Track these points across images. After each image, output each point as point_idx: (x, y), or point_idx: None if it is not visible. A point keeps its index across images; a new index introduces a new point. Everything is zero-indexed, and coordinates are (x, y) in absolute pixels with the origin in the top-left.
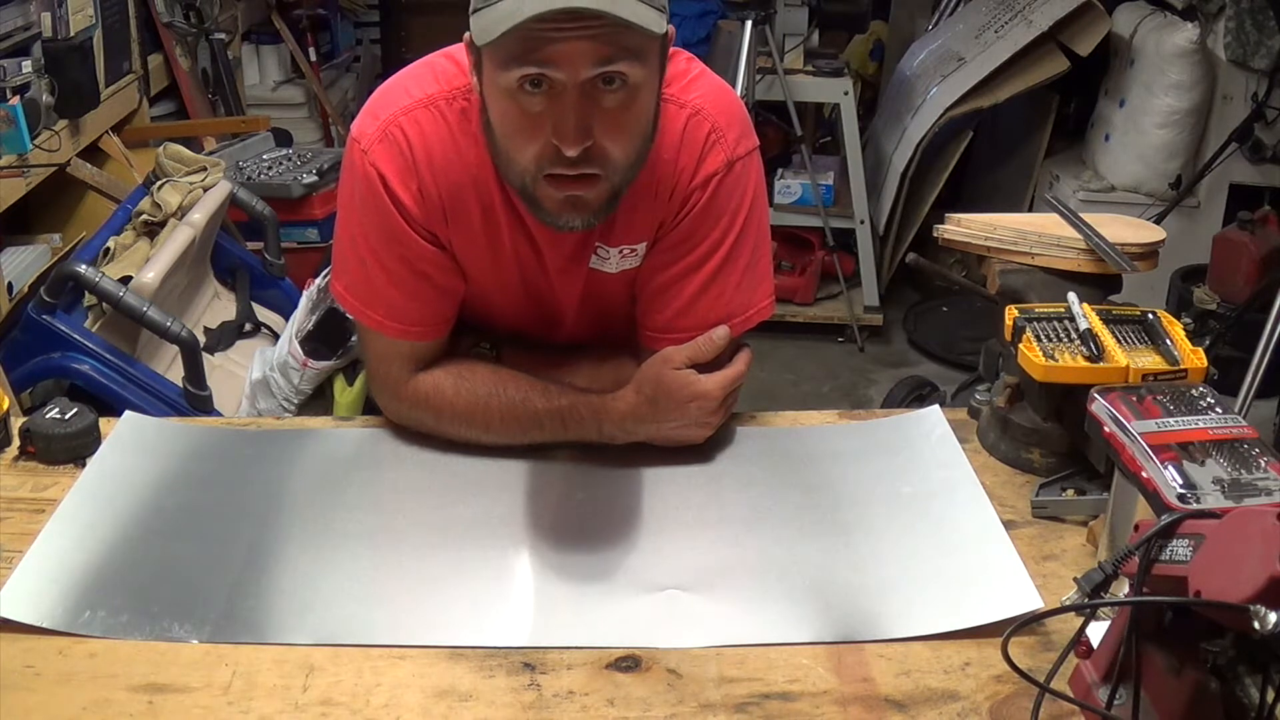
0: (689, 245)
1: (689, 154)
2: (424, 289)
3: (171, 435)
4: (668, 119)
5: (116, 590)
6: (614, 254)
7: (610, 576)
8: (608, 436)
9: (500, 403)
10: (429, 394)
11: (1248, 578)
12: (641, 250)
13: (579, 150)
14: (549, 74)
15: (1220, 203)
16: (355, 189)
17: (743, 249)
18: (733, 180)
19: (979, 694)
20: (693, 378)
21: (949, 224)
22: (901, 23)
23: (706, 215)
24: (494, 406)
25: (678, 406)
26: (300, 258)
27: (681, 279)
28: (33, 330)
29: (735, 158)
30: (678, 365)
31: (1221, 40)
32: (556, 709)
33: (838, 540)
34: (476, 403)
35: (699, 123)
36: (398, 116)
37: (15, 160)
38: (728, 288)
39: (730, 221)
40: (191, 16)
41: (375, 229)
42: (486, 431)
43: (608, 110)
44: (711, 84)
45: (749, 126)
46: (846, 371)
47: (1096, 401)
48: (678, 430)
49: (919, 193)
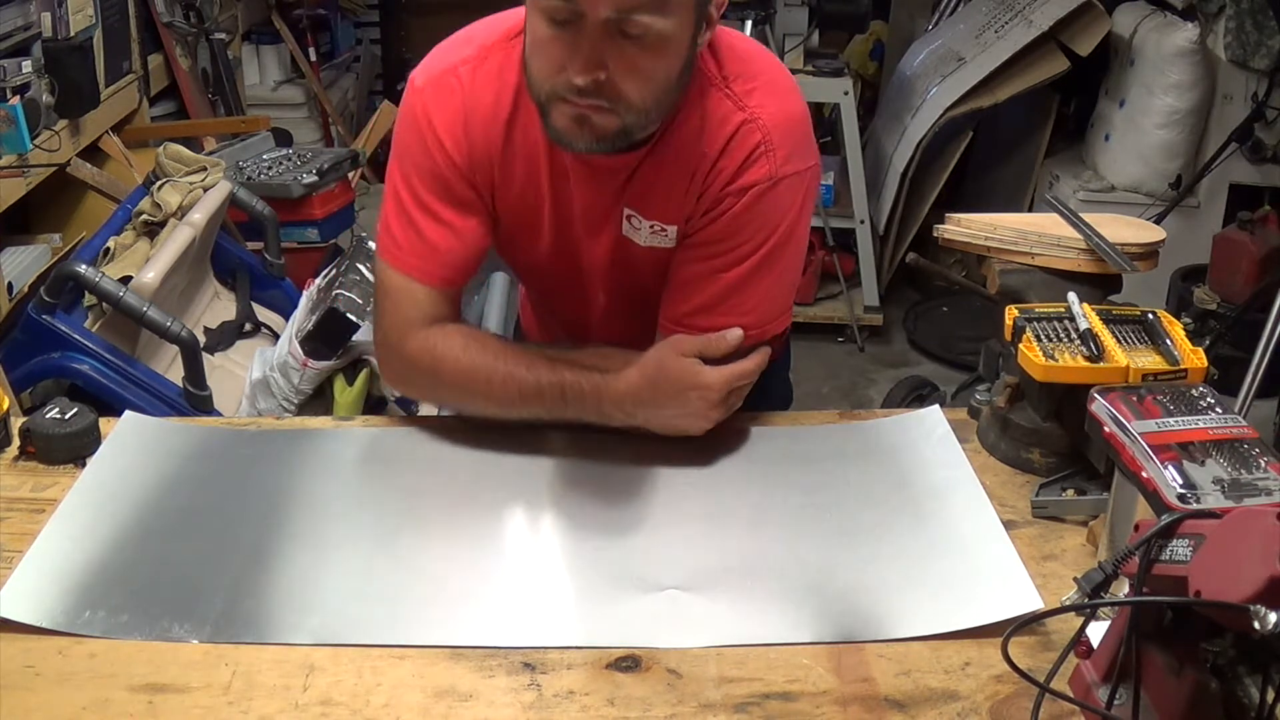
0: (723, 247)
1: (732, 158)
2: (451, 235)
3: (171, 435)
4: (722, 115)
5: (116, 590)
6: (645, 226)
7: (610, 576)
8: (605, 416)
9: (502, 371)
10: (433, 349)
11: (1248, 578)
12: (672, 234)
13: (588, 81)
14: (575, 4)
15: (1220, 203)
16: (405, 130)
17: (775, 264)
18: (776, 196)
19: (979, 694)
20: (697, 367)
21: (949, 224)
22: (901, 23)
23: (745, 223)
24: (496, 373)
25: (678, 394)
26: (300, 258)
27: (708, 278)
28: (33, 330)
29: (781, 175)
30: (684, 353)
31: (1221, 40)
32: (556, 709)
33: (838, 540)
34: (478, 368)
35: (750, 130)
36: (456, 65)
37: (15, 160)
38: (751, 297)
39: (767, 235)
40: (191, 16)
41: (415, 169)
42: (485, 401)
43: (627, 52)
44: (780, 96)
45: (805, 147)
46: (846, 371)
47: (1096, 401)
48: (676, 419)
49: (919, 193)
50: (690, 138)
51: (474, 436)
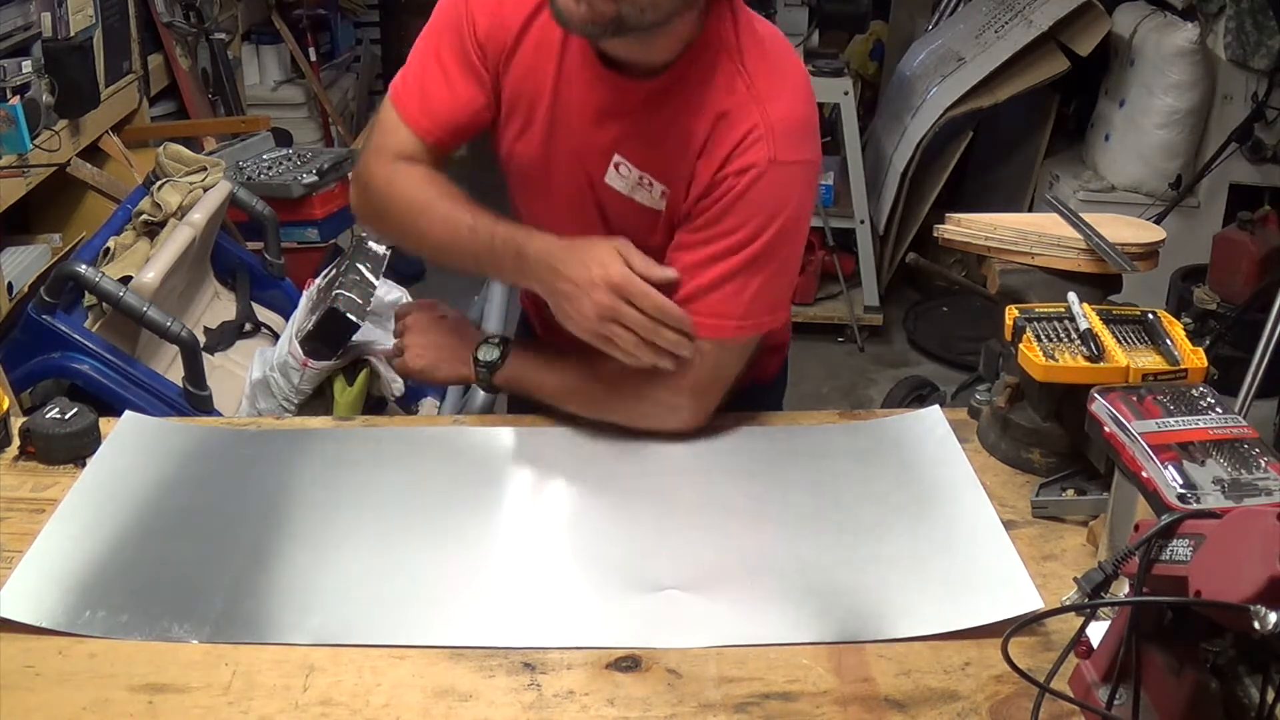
0: (720, 231)
1: (733, 129)
2: (448, 92)
3: (171, 435)
4: (730, 85)
5: (116, 590)
6: (634, 175)
7: (610, 576)
8: (519, 271)
9: (444, 211)
10: (391, 179)
11: (1248, 578)
12: (658, 194)
13: None
14: None
15: (1220, 203)
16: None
17: (774, 256)
18: (775, 180)
19: (979, 694)
20: (614, 259)
21: (949, 224)
22: (901, 23)
23: (742, 206)
24: (438, 212)
25: (583, 268)
26: (300, 258)
27: (705, 266)
28: (33, 330)
29: (779, 160)
30: (622, 252)
31: (1221, 40)
32: (556, 709)
33: (837, 540)
34: (423, 203)
35: (752, 111)
36: None
37: (15, 160)
38: (747, 289)
39: (765, 222)
40: (191, 16)
41: (443, 22)
42: (423, 237)
43: None
44: (790, 87)
45: (807, 140)
46: (846, 371)
47: (1096, 401)
48: (567, 302)
49: (919, 193)
50: (696, 95)
51: (474, 437)
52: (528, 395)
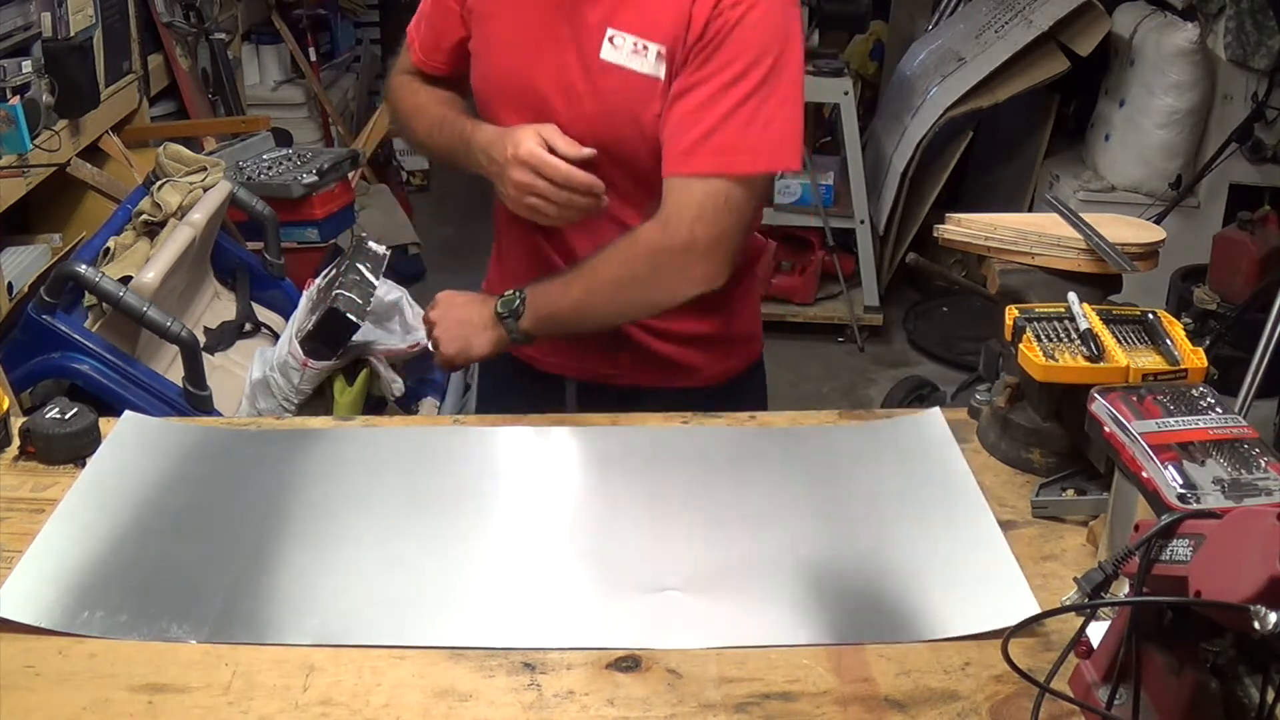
0: (717, 66)
1: None
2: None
3: (171, 435)
4: None
5: (116, 590)
6: (627, 44)
7: (610, 576)
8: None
9: (433, 115)
10: (397, 88)
11: (1248, 578)
12: (652, 57)
13: None
14: None
15: (1220, 203)
16: None
17: (776, 87)
18: (761, 14)
19: (979, 694)
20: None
21: (949, 224)
22: (901, 23)
23: (738, 36)
24: (422, 108)
25: (502, 149)
26: (300, 258)
27: (706, 105)
28: (33, 330)
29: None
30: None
31: (1221, 40)
32: (556, 709)
33: (837, 541)
34: (411, 103)
35: None
36: None
37: (15, 160)
38: (754, 122)
39: (761, 52)
40: (191, 16)
41: None
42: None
43: None
44: None
45: None
46: (846, 371)
47: (1096, 401)
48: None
49: (919, 193)
50: None
51: (474, 436)
52: (560, 327)
